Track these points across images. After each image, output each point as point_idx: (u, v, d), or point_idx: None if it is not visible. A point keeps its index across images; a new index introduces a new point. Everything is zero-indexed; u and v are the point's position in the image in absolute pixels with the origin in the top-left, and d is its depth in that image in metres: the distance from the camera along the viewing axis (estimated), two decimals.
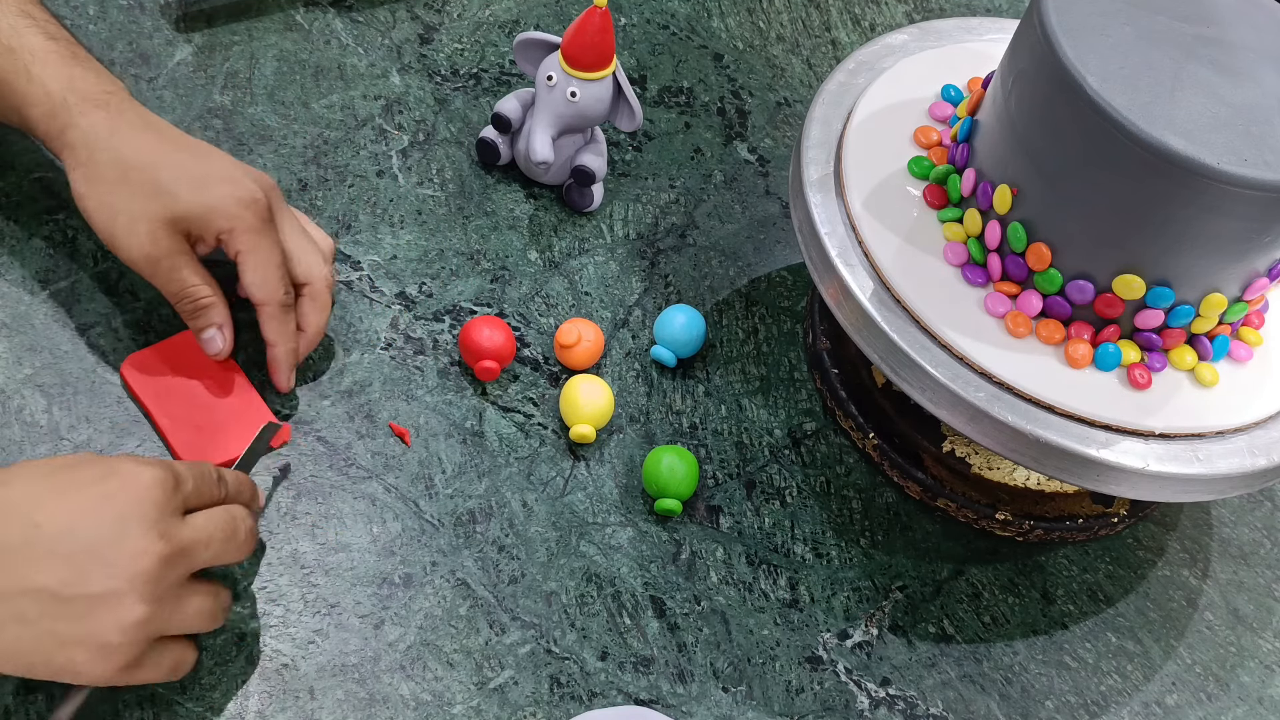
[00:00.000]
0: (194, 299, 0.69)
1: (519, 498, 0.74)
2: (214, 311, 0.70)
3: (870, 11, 1.06)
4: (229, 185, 0.69)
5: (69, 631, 0.54)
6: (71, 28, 0.87)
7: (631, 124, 0.84)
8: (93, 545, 0.54)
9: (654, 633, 0.70)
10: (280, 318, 0.71)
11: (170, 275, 0.69)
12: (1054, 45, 0.63)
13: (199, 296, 0.69)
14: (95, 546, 0.54)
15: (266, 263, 0.69)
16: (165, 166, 0.68)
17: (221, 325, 0.71)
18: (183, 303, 0.70)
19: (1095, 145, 0.62)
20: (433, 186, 0.86)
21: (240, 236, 0.69)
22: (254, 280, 0.69)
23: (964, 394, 0.66)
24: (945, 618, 0.74)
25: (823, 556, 0.75)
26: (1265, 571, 0.80)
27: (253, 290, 0.70)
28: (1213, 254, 0.64)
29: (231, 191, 0.68)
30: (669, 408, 0.79)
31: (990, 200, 0.69)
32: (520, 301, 0.82)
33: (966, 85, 0.78)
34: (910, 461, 0.77)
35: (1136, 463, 0.65)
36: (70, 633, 0.54)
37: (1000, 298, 0.69)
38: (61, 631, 0.54)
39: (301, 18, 0.93)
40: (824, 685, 0.70)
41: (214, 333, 0.70)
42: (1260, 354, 0.72)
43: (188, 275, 0.69)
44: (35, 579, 0.53)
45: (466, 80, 0.92)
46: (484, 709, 0.66)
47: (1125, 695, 0.73)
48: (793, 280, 0.87)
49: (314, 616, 0.67)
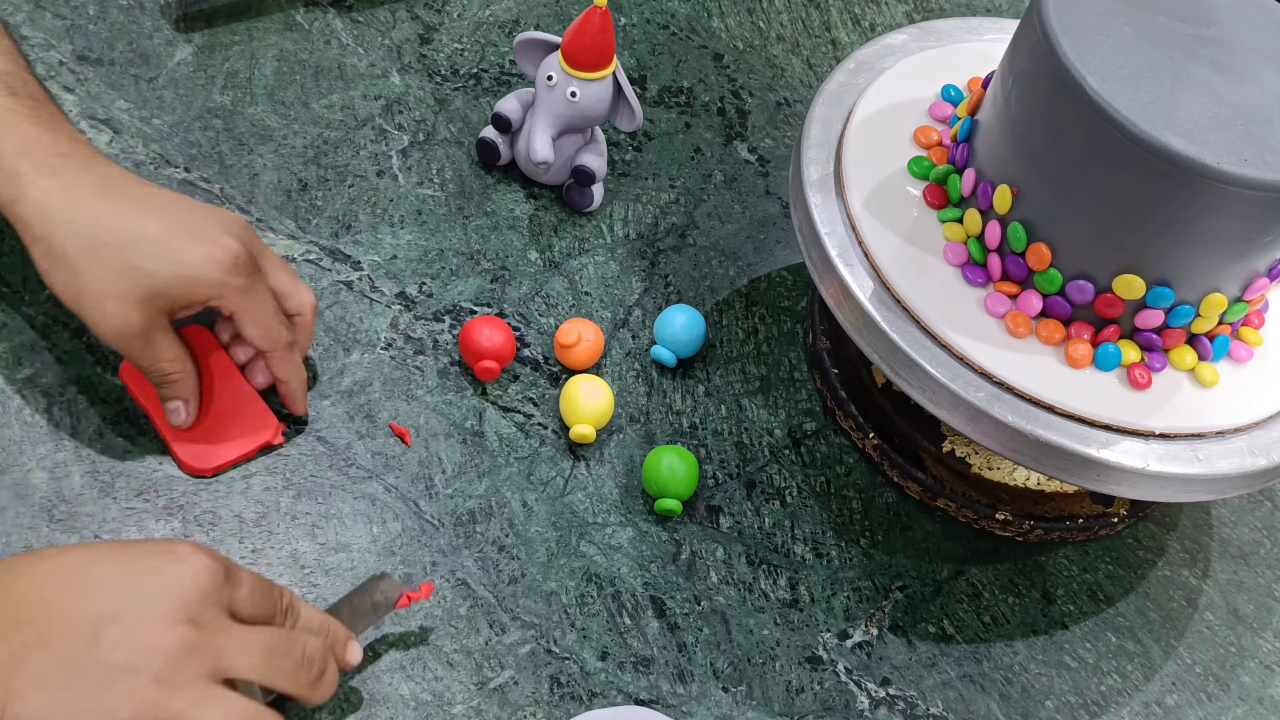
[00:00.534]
0: (164, 373, 0.67)
1: (519, 498, 0.74)
2: (182, 386, 0.68)
3: (870, 11, 1.06)
4: (205, 247, 0.65)
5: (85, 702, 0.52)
6: (71, 28, 0.87)
7: (631, 124, 0.84)
8: (122, 612, 0.53)
9: (654, 633, 0.70)
10: (288, 358, 0.70)
11: (143, 352, 0.66)
12: (1054, 45, 0.63)
13: (169, 371, 0.67)
14: (123, 614, 0.53)
15: (263, 316, 0.68)
16: (131, 241, 0.64)
17: (188, 400, 0.69)
18: (152, 375, 0.68)
19: (1095, 145, 0.62)
20: (433, 186, 0.86)
21: (231, 300, 0.66)
22: (256, 334, 0.68)
23: (964, 394, 0.66)
24: (945, 618, 0.74)
25: (823, 556, 0.75)
26: (1265, 571, 0.80)
27: (257, 343, 0.69)
28: (1213, 254, 0.64)
29: (210, 255, 0.65)
30: (669, 408, 0.79)
31: (990, 200, 0.69)
32: (520, 301, 0.82)
33: (966, 85, 0.78)
34: (910, 461, 0.77)
35: (1136, 463, 0.65)
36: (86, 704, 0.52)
37: (1000, 298, 0.69)
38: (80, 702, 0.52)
39: (301, 18, 0.93)
40: (824, 685, 0.70)
41: (178, 405, 0.69)
42: (1260, 354, 0.72)
43: (160, 351, 0.66)
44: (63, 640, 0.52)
45: (466, 80, 0.92)
46: (484, 709, 0.66)
47: (1125, 695, 0.73)
48: (793, 280, 0.87)
49: None
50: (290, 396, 0.72)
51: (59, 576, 0.54)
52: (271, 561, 0.68)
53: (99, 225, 0.63)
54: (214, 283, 0.65)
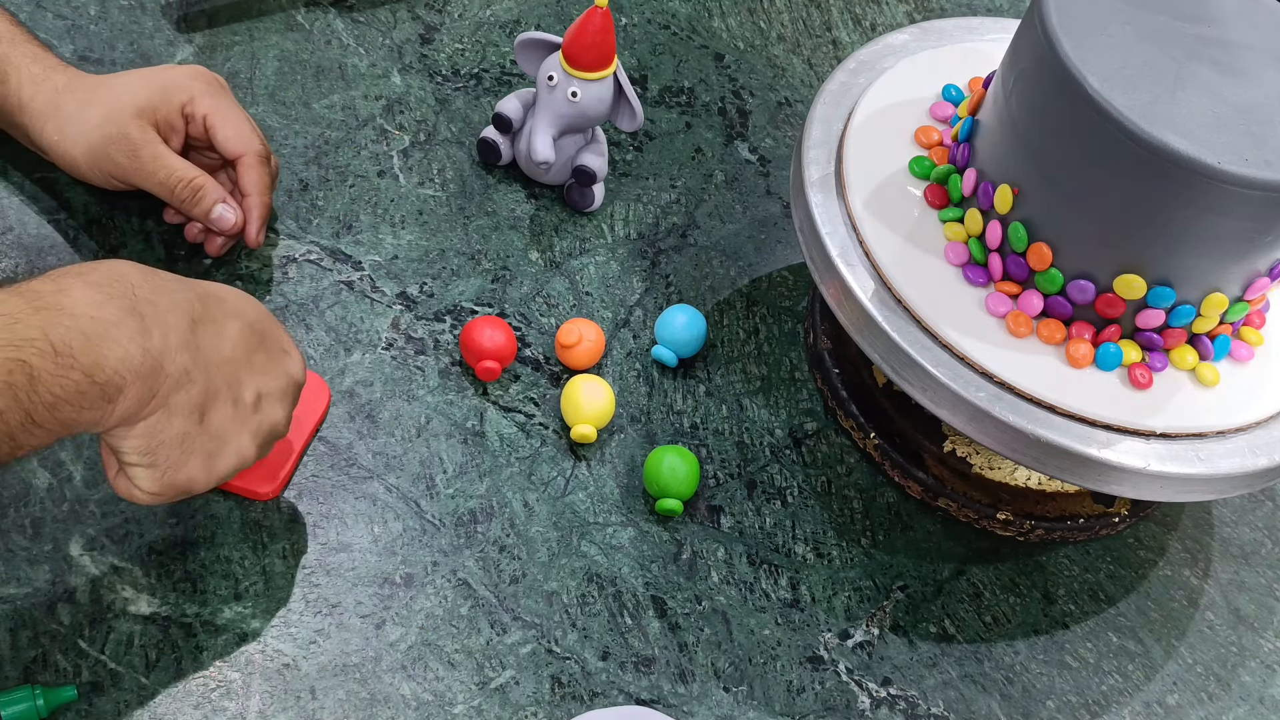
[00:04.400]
0: (187, 181, 0.73)
1: (520, 498, 0.74)
2: (212, 188, 0.74)
3: (871, 11, 1.06)
4: (176, 70, 0.76)
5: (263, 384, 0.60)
6: (72, 28, 0.87)
7: (632, 124, 0.84)
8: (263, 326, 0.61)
9: (655, 633, 0.70)
10: (259, 168, 0.75)
11: (155, 164, 0.73)
12: (1055, 45, 0.63)
13: (192, 178, 0.73)
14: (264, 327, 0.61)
15: (236, 118, 0.75)
16: (118, 80, 0.75)
17: (224, 199, 0.74)
18: (178, 189, 0.73)
19: (1096, 145, 0.62)
20: (434, 186, 0.86)
21: (201, 101, 0.74)
22: (229, 135, 0.74)
23: (965, 394, 0.66)
24: (946, 617, 0.74)
25: (824, 556, 0.75)
26: (1266, 571, 0.80)
27: (230, 145, 0.74)
28: (1214, 254, 0.64)
29: (180, 71, 0.76)
30: (670, 408, 0.79)
31: (991, 200, 0.69)
32: (521, 301, 0.82)
33: (967, 85, 0.78)
34: (911, 461, 0.77)
35: (1138, 462, 0.65)
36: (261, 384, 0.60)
37: (1001, 297, 0.69)
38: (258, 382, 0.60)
39: (302, 18, 0.93)
40: (825, 685, 0.70)
41: (222, 208, 0.74)
42: (1261, 354, 0.72)
43: (173, 161, 0.73)
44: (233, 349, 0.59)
45: (467, 80, 0.92)
46: (485, 709, 0.66)
47: (1126, 695, 0.73)
48: (794, 280, 0.87)
49: (315, 616, 0.67)
50: (250, 212, 0.75)
51: None
52: (272, 561, 0.68)
53: (95, 84, 0.75)
54: (184, 87, 0.74)
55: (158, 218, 0.79)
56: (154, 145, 0.73)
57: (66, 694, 0.62)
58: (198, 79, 0.75)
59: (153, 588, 0.66)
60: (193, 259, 0.79)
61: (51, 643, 0.64)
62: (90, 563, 0.66)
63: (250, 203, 0.75)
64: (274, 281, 0.79)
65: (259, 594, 0.67)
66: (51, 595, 0.65)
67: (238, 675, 0.65)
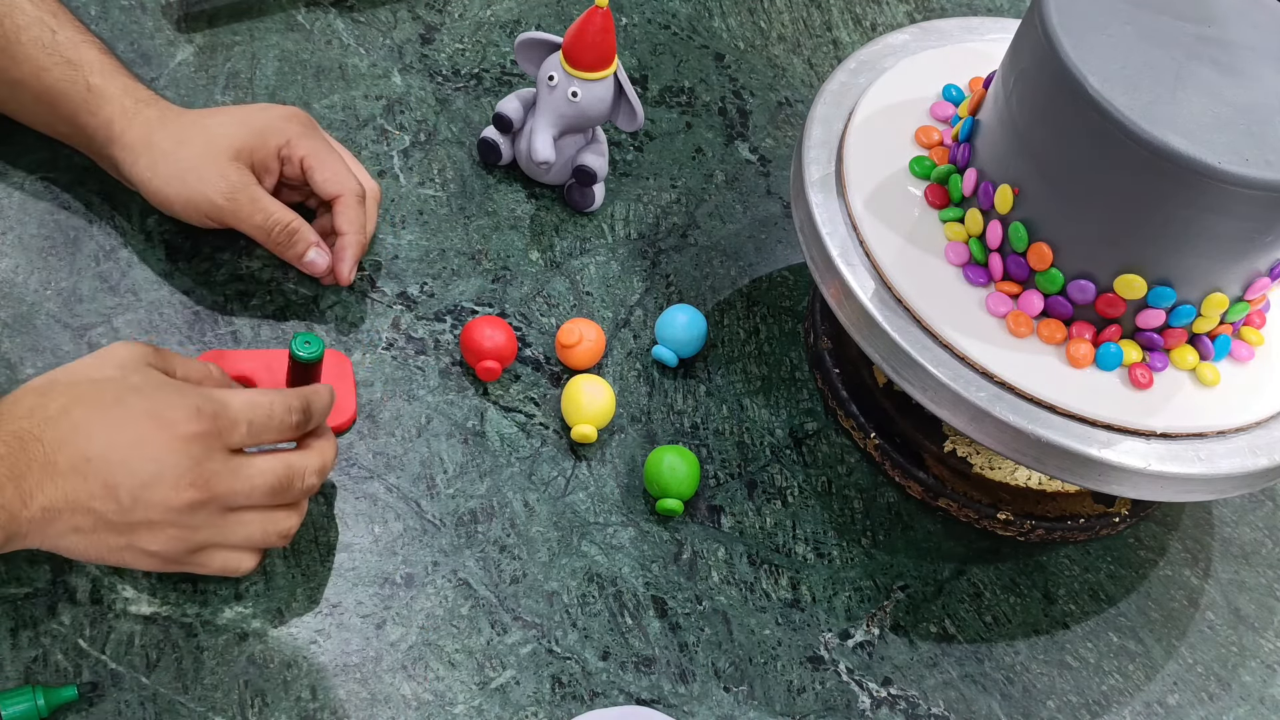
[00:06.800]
0: (283, 224, 0.74)
1: (520, 498, 0.74)
2: (306, 232, 0.75)
3: (871, 11, 1.06)
4: (271, 111, 0.77)
5: (118, 542, 0.59)
6: None
7: (633, 124, 0.84)
8: (133, 485, 0.58)
9: (655, 633, 0.70)
10: (356, 207, 0.76)
11: (253, 206, 0.74)
12: (1055, 45, 0.63)
13: (287, 221, 0.74)
14: (134, 486, 0.58)
15: (332, 159, 0.76)
16: (212, 118, 0.76)
17: (317, 243, 0.75)
18: (275, 233, 0.74)
19: (1097, 145, 0.62)
20: (434, 186, 0.86)
21: (298, 144, 0.75)
22: (327, 177, 0.75)
23: (965, 394, 0.66)
24: (947, 617, 0.74)
25: (824, 556, 0.75)
26: (1267, 571, 0.80)
27: (329, 186, 0.75)
28: (1214, 253, 0.64)
29: (276, 113, 0.76)
30: (670, 407, 0.79)
31: (991, 200, 0.69)
32: (522, 301, 0.82)
33: (968, 85, 0.78)
34: (912, 461, 0.77)
35: (1138, 462, 0.65)
36: (119, 543, 0.59)
37: (1002, 297, 0.69)
38: (112, 542, 0.59)
39: (303, 18, 0.93)
40: (825, 685, 0.70)
41: (315, 253, 0.75)
42: (1261, 354, 0.72)
43: (268, 204, 0.74)
44: (88, 503, 0.58)
45: (468, 80, 0.92)
46: (485, 709, 0.66)
47: (1127, 695, 0.73)
48: (794, 280, 0.87)
49: (315, 616, 0.67)
50: (343, 250, 0.76)
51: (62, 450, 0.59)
52: (273, 561, 0.68)
53: (189, 123, 0.75)
54: (280, 130, 0.75)
55: (159, 217, 0.79)
56: (251, 189, 0.74)
57: (67, 694, 0.62)
58: (292, 121, 0.76)
59: (153, 588, 0.67)
60: (195, 258, 0.79)
61: (52, 642, 0.64)
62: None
63: (345, 240, 0.76)
64: (274, 281, 0.79)
65: (259, 594, 0.67)
66: (52, 595, 0.65)
67: (238, 674, 0.65)
